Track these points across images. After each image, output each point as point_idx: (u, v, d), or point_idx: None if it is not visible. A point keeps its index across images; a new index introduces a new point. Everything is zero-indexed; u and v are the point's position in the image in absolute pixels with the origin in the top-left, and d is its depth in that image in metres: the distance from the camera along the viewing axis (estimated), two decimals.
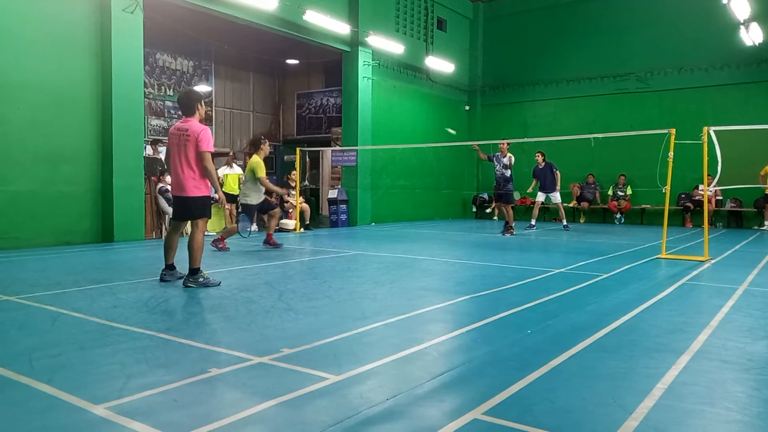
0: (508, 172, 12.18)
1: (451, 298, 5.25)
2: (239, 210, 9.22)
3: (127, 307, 4.68)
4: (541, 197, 13.90)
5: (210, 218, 6.03)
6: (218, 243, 8.74)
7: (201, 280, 5.58)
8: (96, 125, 9.74)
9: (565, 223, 14.14)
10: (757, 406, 2.70)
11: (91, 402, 2.62)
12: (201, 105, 5.82)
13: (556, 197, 13.86)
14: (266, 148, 9.05)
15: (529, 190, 14.29)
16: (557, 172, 13.79)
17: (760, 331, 4.13)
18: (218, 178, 12.08)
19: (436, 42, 17.85)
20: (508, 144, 12.34)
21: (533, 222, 13.87)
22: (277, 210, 9.37)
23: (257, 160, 8.77)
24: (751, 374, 3.18)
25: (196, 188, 5.66)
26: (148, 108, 15.20)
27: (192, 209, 5.73)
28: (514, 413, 2.55)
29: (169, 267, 5.95)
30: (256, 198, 8.83)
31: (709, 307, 4.99)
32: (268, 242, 9.08)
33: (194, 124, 5.68)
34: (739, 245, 10.46)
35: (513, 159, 12.23)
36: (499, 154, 12.33)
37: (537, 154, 13.93)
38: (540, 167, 13.81)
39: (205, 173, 5.66)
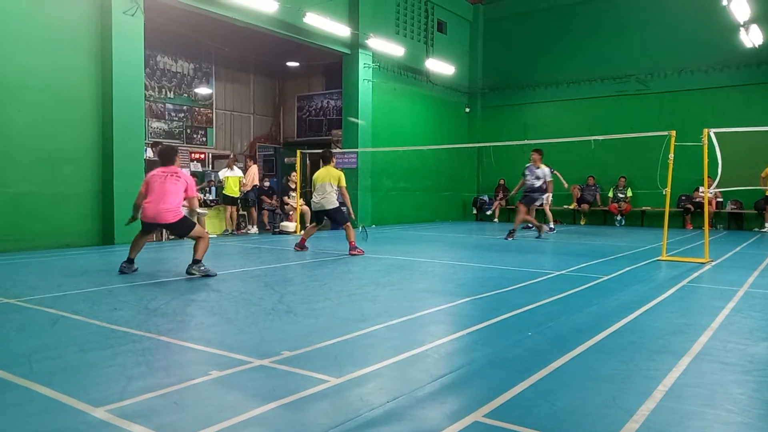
0: (539, 182, 11.78)
1: (451, 300, 5.25)
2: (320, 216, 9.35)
3: (127, 309, 4.68)
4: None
5: (195, 226, 6.69)
6: (301, 246, 9.09)
7: (202, 268, 6.39)
8: (96, 127, 9.75)
9: (551, 225, 13.98)
10: (758, 408, 2.70)
11: (91, 404, 2.62)
12: (177, 157, 6.92)
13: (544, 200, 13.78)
14: (334, 160, 9.41)
15: (513, 192, 14.02)
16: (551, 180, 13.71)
17: (760, 332, 4.13)
18: (220, 180, 12.85)
19: (436, 44, 17.87)
20: (540, 155, 11.90)
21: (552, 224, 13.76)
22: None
23: (340, 172, 9.11)
24: (752, 376, 3.17)
25: (175, 215, 6.51)
26: (148, 110, 15.21)
27: (180, 230, 6.68)
28: (515, 415, 2.55)
29: (130, 261, 6.63)
30: (334, 203, 8.93)
31: (709, 308, 4.99)
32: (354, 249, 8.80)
33: (179, 170, 6.73)
34: (739, 247, 10.46)
35: (546, 171, 11.83)
36: (531, 164, 11.93)
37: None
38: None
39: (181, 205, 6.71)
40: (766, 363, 3.41)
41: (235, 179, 13.07)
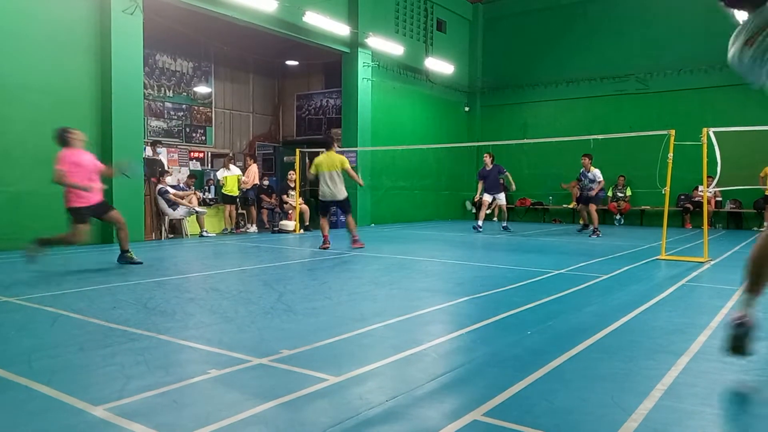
0: (594, 185, 12.44)
1: (450, 299, 5.25)
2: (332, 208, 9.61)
3: (126, 308, 4.68)
4: (488, 198, 13.44)
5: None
6: (355, 243, 9.14)
7: (128, 255, 7.27)
8: (96, 126, 9.74)
9: (505, 224, 13.88)
10: (758, 407, 2.70)
11: (90, 403, 2.62)
12: (71, 137, 7.26)
13: (502, 199, 13.60)
14: (335, 146, 9.43)
15: (477, 197, 13.65)
16: (507, 174, 13.63)
17: (759, 331, 4.12)
18: (219, 180, 12.46)
19: (436, 43, 17.86)
20: (590, 159, 12.53)
21: (480, 223, 13.51)
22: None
23: (341, 156, 9.10)
24: (751, 375, 3.18)
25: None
26: (147, 109, 15.20)
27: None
28: (514, 414, 2.55)
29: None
30: (344, 193, 9.12)
31: (709, 308, 4.99)
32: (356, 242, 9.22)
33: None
34: (738, 246, 10.47)
35: (597, 172, 12.44)
36: (583, 169, 12.62)
37: (485, 156, 13.65)
38: (487, 169, 13.42)
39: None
40: (765, 362, 3.41)
41: (233, 178, 13.06)
